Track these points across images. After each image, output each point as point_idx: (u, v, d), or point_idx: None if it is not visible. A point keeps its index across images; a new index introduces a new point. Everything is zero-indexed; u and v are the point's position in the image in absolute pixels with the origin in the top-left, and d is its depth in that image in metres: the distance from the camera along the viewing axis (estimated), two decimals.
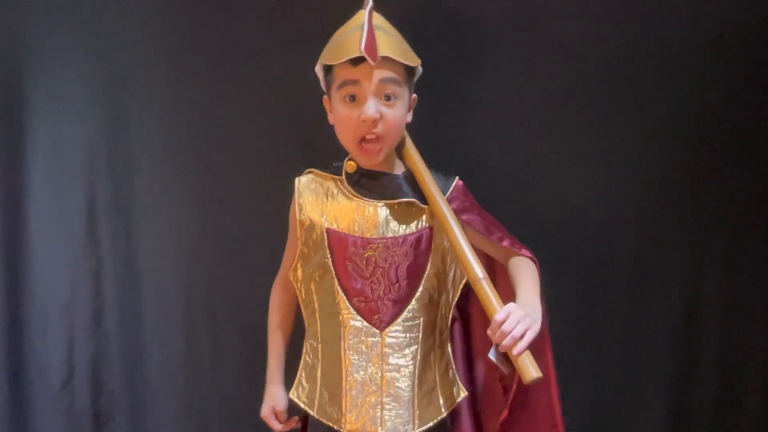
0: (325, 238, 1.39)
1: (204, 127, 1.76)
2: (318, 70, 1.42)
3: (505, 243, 1.38)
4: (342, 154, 1.45)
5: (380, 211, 1.39)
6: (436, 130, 1.66)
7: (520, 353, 1.17)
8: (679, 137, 1.69)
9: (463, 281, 1.42)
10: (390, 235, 1.38)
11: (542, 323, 1.24)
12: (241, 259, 1.76)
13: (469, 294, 1.42)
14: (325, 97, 1.44)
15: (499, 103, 1.70)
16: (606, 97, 1.69)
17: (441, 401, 1.41)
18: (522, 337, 1.17)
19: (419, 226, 1.40)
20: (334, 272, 1.38)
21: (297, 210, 1.44)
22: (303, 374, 1.45)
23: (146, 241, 1.77)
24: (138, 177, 1.77)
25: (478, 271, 1.30)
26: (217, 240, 1.77)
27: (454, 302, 1.44)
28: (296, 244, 1.44)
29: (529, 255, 1.36)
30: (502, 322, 1.18)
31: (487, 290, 1.27)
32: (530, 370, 1.17)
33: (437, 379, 1.41)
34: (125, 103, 1.76)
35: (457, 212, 1.39)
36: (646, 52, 1.67)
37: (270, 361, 1.53)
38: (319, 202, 1.42)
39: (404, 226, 1.39)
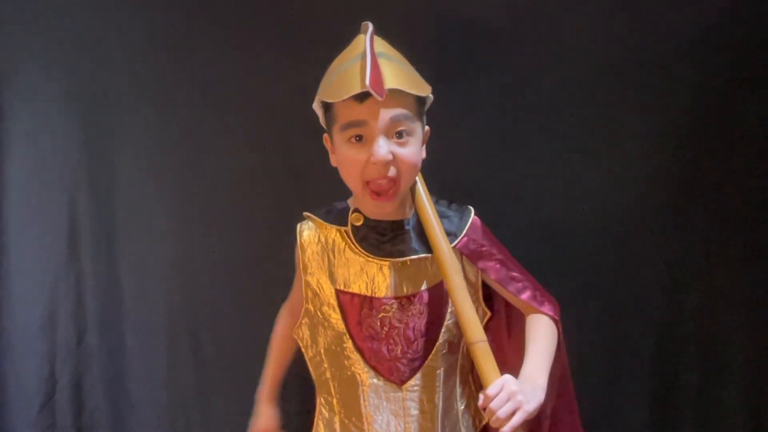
0: (335, 300, 1.29)
1: (187, 142, 1.74)
2: (316, 107, 1.26)
3: (525, 296, 1.27)
4: (341, 188, 1.34)
5: (391, 270, 1.28)
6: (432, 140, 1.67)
7: None
8: (661, 146, 1.70)
9: (486, 318, 1.33)
10: (403, 293, 1.27)
11: (549, 394, 1.18)
12: (224, 275, 1.75)
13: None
14: (325, 135, 1.28)
15: (488, 110, 1.71)
16: (586, 108, 1.70)
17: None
18: (512, 415, 1.09)
19: (434, 280, 1.29)
20: (348, 334, 1.29)
21: (302, 268, 1.32)
22: (320, 425, 1.36)
23: (128, 257, 1.76)
24: (120, 192, 1.75)
25: (477, 333, 1.19)
26: (201, 256, 1.76)
27: None
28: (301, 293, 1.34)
29: (550, 312, 1.27)
30: (494, 397, 1.10)
31: (484, 355, 1.18)
32: None
33: (459, 416, 1.35)
34: (107, 119, 1.74)
35: (473, 258, 1.29)
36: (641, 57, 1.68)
37: (265, 379, 1.47)
38: (326, 260, 1.30)
39: (417, 283, 1.28)
